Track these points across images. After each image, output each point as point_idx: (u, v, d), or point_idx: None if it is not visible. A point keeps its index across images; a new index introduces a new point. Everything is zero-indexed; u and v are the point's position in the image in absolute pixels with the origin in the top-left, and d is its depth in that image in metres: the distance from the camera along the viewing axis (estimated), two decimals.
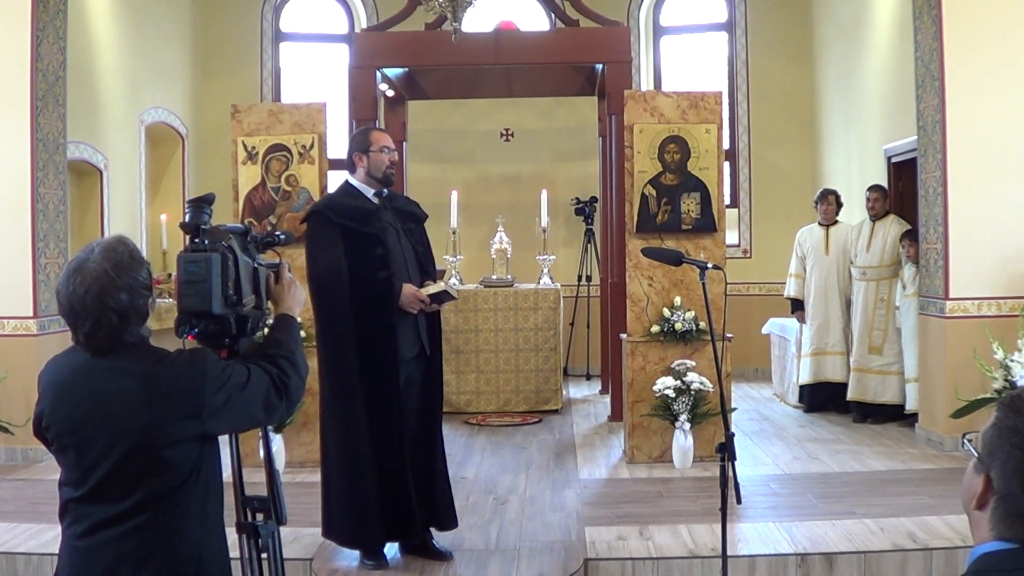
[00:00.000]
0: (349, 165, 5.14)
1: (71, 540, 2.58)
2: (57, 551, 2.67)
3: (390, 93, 10.19)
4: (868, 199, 8.76)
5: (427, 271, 5.15)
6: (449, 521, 5.19)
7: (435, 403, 5.21)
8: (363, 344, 4.92)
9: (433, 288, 5.02)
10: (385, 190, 5.14)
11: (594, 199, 11.52)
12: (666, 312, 7.19)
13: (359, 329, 4.92)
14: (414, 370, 5.08)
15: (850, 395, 8.72)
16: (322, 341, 5.09)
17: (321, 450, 5.20)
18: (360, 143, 5.13)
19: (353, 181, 5.13)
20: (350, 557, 5.15)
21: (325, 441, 5.13)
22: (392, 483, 4.93)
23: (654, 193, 7.30)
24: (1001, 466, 1.56)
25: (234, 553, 2.84)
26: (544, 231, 10.31)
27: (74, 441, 2.55)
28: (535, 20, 12.06)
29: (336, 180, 10.30)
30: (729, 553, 4.46)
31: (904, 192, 9.02)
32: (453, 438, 8.21)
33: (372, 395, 4.92)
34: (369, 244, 4.95)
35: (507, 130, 12.42)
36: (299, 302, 3.08)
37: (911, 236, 8.22)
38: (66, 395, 2.57)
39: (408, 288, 4.95)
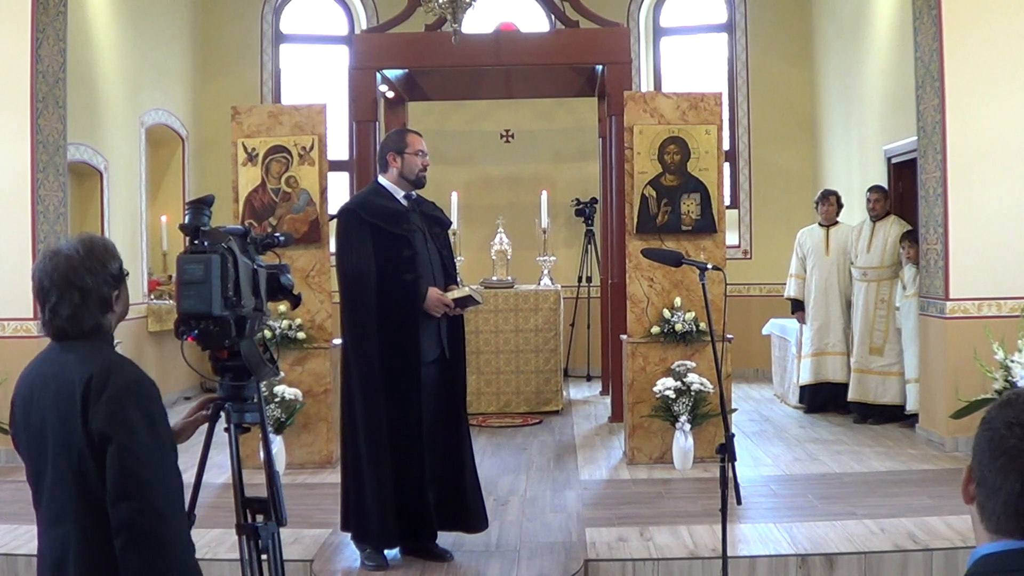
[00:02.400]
0: (382, 165, 5.16)
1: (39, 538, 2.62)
2: None
3: (390, 94, 10.19)
4: (868, 200, 8.77)
5: (451, 276, 5.17)
6: (478, 523, 5.19)
7: (458, 407, 5.18)
8: (386, 344, 4.93)
9: (458, 292, 5.03)
10: (414, 193, 5.16)
11: (594, 200, 11.52)
12: (666, 313, 7.18)
13: (383, 329, 4.93)
14: (434, 373, 5.08)
15: (851, 396, 8.71)
16: (347, 339, 5.10)
17: (341, 446, 5.22)
18: (396, 144, 5.15)
19: (383, 181, 5.15)
20: (351, 558, 5.15)
21: (344, 438, 5.13)
22: (408, 484, 4.94)
23: (654, 194, 7.30)
24: (976, 451, 1.59)
25: (234, 554, 2.84)
26: (544, 232, 10.31)
27: (25, 430, 2.57)
28: (535, 21, 12.06)
29: (336, 181, 10.34)
30: (729, 554, 4.46)
31: (904, 193, 9.02)
32: None
33: (392, 395, 4.93)
34: (397, 245, 4.96)
35: (507, 131, 12.42)
36: None
37: (911, 237, 8.22)
38: (26, 381, 2.60)
39: (433, 291, 4.96)
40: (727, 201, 10.47)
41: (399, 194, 5.11)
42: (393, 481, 4.93)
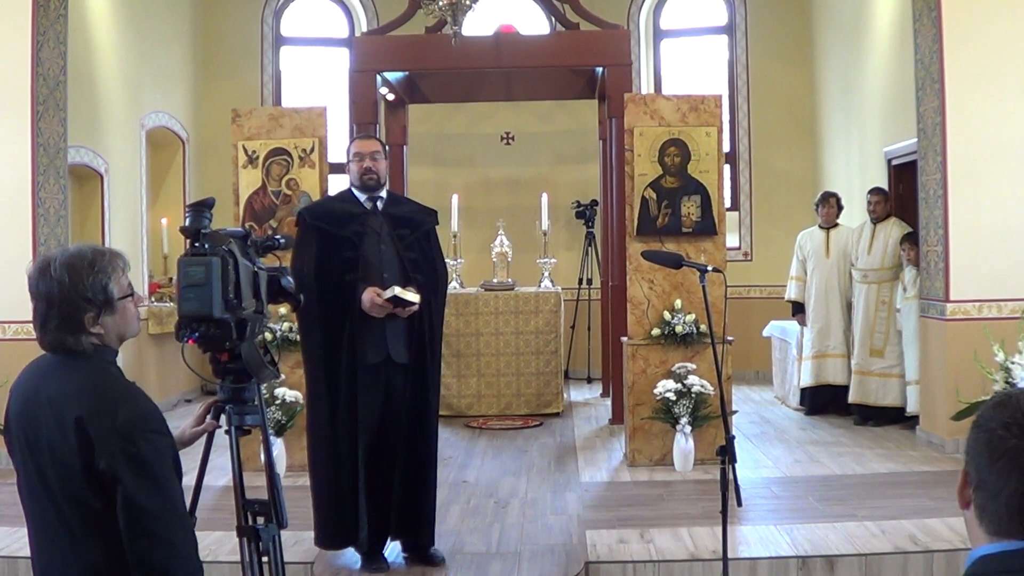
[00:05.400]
0: None
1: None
2: None
3: (390, 97, 10.20)
4: (869, 202, 8.76)
5: (411, 277, 4.99)
6: (425, 539, 5.07)
7: (422, 415, 5.00)
8: (325, 346, 4.98)
9: (388, 292, 4.87)
10: (383, 195, 5.15)
11: (595, 202, 11.52)
12: (667, 315, 7.19)
13: (323, 331, 4.98)
14: (396, 378, 4.98)
15: (851, 398, 8.71)
16: (301, 342, 5.27)
17: None
18: (346, 153, 5.26)
19: (352, 187, 5.22)
20: (351, 560, 5.15)
21: None
22: (341, 488, 4.95)
23: (654, 196, 7.30)
24: (971, 455, 1.58)
25: (235, 557, 2.85)
26: (545, 234, 10.31)
27: (19, 442, 2.52)
28: (535, 24, 12.06)
29: (336, 184, 10.35)
30: (730, 556, 4.46)
31: (904, 194, 9.02)
32: (454, 441, 8.22)
33: (331, 398, 4.96)
34: (340, 247, 4.99)
35: (507, 133, 12.42)
36: None
37: (911, 239, 8.22)
38: (21, 394, 2.56)
39: (369, 291, 4.88)
40: (727, 203, 10.48)
41: (362, 198, 5.13)
42: (329, 483, 4.99)
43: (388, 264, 5.02)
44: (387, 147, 5.40)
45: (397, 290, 4.85)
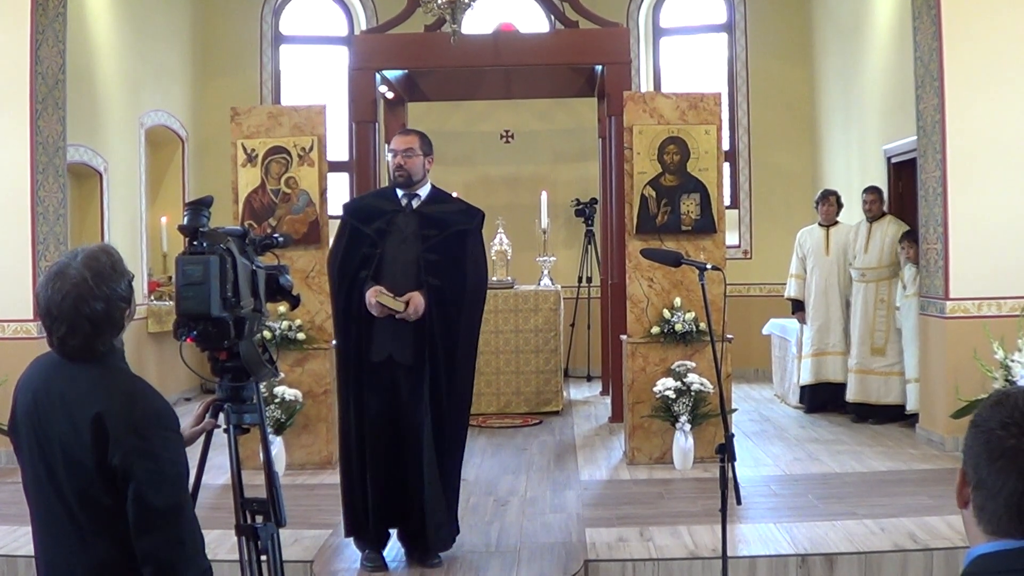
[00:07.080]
0: None
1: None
2: None
3: (390, 95, 10.19)
4: (865, 201, 8.76)
5: (422, 280, 4.91)
6: (432, 544, 4.98)
7: (419, 417, 4.91)
8: (341, 340, 5.12)
9: (382, 296, 4.83)
10: (421, 193, 5.13)
11: (594, 200, 11.52)
12: (666, 313, 7.18)
13: (338, 325, 5.13)
14: (400, 378, 4.95)
15: (850, 396, 8.70)
16: None
17: None
18: None
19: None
20: (351, 558, 5.15)
21: None
22: (354, 480, 5.03)
23: (654, 194, 7.30)
24: (970, 455, 1.57)
25: (234, 555, 2.85)
26: (544, 232, 10.31)
27: (27, 440, 2.52)
28: (534, 22, 12.06)
29: (336, 182, 10.35)
30: (729, 554, 4.46)
31: (904, 192, 9.02)
32: None
33: (344, 392, 5.05)
34: (362, 243, 5.02)
35: (507, 132, 12.42)
36: None
37: (910, 237, 8.22)
38: (29, 392, 2.55)
39: (372, 290, 4.86)
40: (727, 201, 10.46)
41: (400, 194, 5.12)
42: (346, 475, 5.08)
43: (404, 264, 4.98)
44: (430, 142, 5.23)
45: (380, 291, 4.86)
